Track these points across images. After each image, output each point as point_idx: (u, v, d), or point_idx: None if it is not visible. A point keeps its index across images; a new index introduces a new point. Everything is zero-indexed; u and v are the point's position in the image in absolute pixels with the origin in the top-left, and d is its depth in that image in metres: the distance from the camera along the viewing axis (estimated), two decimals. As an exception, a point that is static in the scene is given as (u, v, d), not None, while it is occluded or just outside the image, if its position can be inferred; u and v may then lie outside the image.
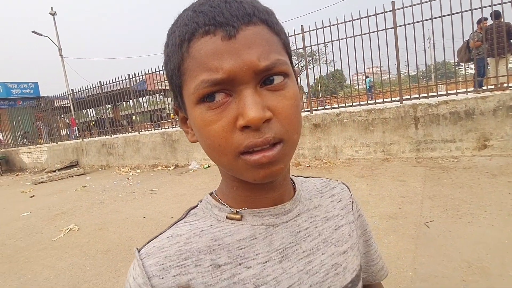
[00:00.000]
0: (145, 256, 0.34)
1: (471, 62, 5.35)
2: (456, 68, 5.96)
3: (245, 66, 0.28)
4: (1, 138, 13.80)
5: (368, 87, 11.63)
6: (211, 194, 0.41)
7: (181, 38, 0.30)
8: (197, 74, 0.29)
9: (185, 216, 0.39)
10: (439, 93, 4.77)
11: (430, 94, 4.81)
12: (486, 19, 4.84)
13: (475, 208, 2.58)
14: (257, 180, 0.32)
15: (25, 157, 11.45)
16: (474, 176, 3.39)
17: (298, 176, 0.47)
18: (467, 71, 5.76)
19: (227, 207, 0.38)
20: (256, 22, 0.30)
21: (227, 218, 0.37)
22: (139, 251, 0.35)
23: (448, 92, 4.67)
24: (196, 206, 0.41)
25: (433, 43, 4.88)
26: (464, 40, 5.13)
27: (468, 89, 4.57)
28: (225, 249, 0.35)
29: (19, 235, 3.59)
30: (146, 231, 3.18)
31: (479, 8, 4.32)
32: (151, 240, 0.37)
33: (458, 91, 4.62)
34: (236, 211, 0.37)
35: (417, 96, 4.85)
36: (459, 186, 3.14)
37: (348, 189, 0.50)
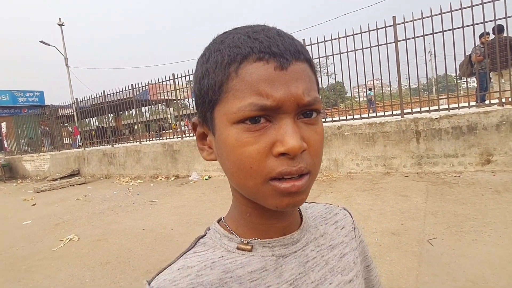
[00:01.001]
0: None
1: (473, 76, 5.38)
2: (458, 82, 5.99)
3: (292, 97, 0.30)
4: (6, 146, 13.90)
5: (368, 100, 11.64)
6: (219, 221, 0.41)
7: (231, 58, 0.31)
8: (245, 95, 0.30)
9: (194, 246, 0.39)
10: (440, 107, 4.78)
11: (431, 108, 4.82)
12: (488, 33, 4.89)
13: (479, 226, 2.54)
14: (279, 208, 0.32)
15: (28, 164, 11.50)
16: (478, 192, 3.35)
17: None
18: (469, 85, 5.78)
19: (236, 237, 0.38)
20: (303, 60, 0.32)
21: (238, 248, 0.37)
22: (149, 284, 0.34)
23: (450, 106, 4.68)
24: (205, 235, 0.40)
25: (435, 58, 4.92)
26: (466, 54, 5.18)
27: (471, 104, 4.57)
28: (237, 282, 0.35)
29: (21, 244, 3.58)
30: (146, 243, 3.15)
31: (481, 22, 4.35)
32: (161, 272, 0.36)
33: (460, 105, 4.63)
34: (247, 242, 0.37)
35: (419, 110, 4.86)
36: (462, 202, 3.11)
37: (350, 214, 0.50)
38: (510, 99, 4.44)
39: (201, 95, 0.34)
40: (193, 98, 0.39)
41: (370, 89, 11.98)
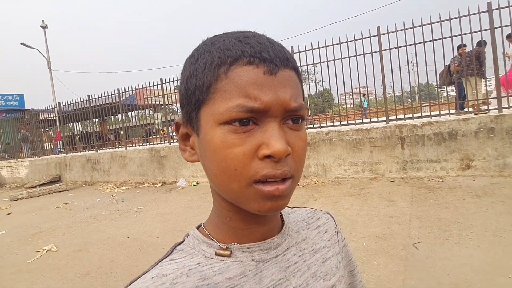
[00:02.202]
0: None
1: (453, 85, 5.61)
2: (439, 90, 6.22)
3: (279, 102, 0.31)
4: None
5: (365, 106, 12.09)
6: (198, 227, 0.40)
7: (221, 60, 0.31)
8: (233, 97, 0.30)
9: (171, 253, 0.37)
10: (423, 114, 4.94)
11: (415, 115, 4.98)
12: (465, 45, 5.13)
13: (462, 229, 2.61)
14: (261, 211, 0.32)
15: (4, 171, 10.98)
16: (459, 196, 3.45)
17: None
18: (449, 94, 6.01)
19: (215, 242, 0.37)
20: (291, 67, 0.33)
21: (216, 254, 0.36)
22: None
23: (432, 113, 4.84)
24: (183, 241, 0.39)
25: (417, 67, 5.10)
26: (446, 64, 5.40)
27: (451, 111, 4.76)
28: None
29: (-8, 256, 3.37)
30: (129, 252, 3.04)
31: (459, 35, 4.58)
32: (134, 281, 0.34)
33: (441, 112, 4.80)
34: (226, 247, 0.36)
35: (403, 116, 5.00)
36: (445, 207, 3.19)
37: (333, 218, 0.50)
38: (480, 107, 4.66)
39: (188, 95, 0.34)
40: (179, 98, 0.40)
41: (364, 96, 12.33)
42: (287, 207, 0.48)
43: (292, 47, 5.61)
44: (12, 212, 5.76)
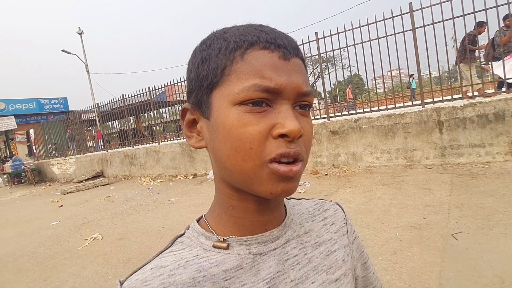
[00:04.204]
0: None
1: (497, 61, 5.05)
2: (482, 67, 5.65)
3: (293, 85, 0.32)
4: (35, 151, 14.73)
5: (414, 87, 11.87)
6: (199, 219, 0.41)
7: (237, 44, 0.33)
8: (249, 77, 0.31)
9: (171, 245, 0.39)
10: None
11: (454, 97, 4.59)
12: (512, 15, 4.58)
13: (509, 218, 2.39)
14: (273, 194, 0.32)
15: (55, 168, 12.13)
16: (507, 183, 3.15)
17: (290, 199, 0.47)
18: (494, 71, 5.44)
19: (214, 234, 0.37)
20: (300, 57, 0.35)
21: (214, 247, 0.37)
22: (121, 284, 0.35)
23: (475, 94, 4.42)
24: (183, 234, 0.40)
25: (456, 44, 4.67)
26: (490, 38, 4.89)
27: (497, 90, 4.30)
28: (210, 281, 0.34)
29: (48, 243, 3.78)
30: (165, 240, 3.23)
31: (506, 4, 4.10)
32: (135, 272, 0.36)
33: (486, 92, 4.37)
34: (223, 239, 0.37)
35: (440, 99, 4.64)
36: (490, 194, 2.94)
37: (342, 210, 0.49)
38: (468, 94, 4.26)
39: (198, 79, 0.35)
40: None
41: (411, 76, 11.70)
42: (294, 198, 0.48)
43: (316, 33, 5.42)
44: (64, 204, 6.38)
